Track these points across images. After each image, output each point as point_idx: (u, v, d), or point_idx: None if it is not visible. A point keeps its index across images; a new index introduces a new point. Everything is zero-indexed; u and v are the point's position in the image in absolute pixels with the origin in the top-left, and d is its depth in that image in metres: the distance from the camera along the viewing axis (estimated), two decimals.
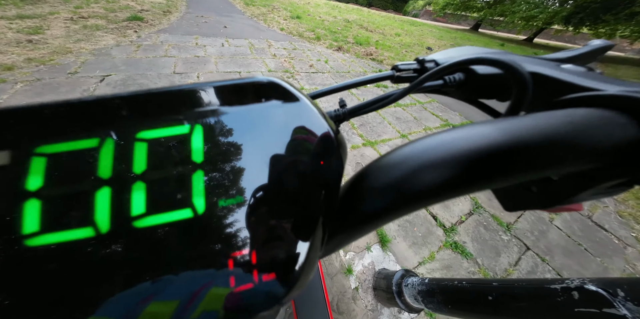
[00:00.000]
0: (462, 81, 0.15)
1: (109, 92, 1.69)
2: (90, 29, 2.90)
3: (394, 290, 0.80)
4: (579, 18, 8.26)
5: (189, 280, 0.08)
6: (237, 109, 0.10)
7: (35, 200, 0.07)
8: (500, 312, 0.47)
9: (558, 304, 0.36)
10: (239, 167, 0.09)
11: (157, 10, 4.57)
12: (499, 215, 1.45)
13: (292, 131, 0.10)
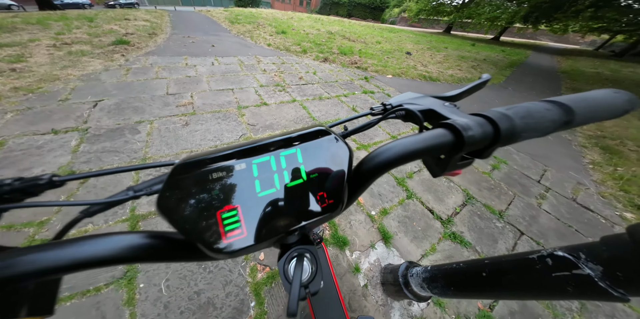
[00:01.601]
0: (403, 115, 0.27)
1: (104, 117, 1.72)
2: (75, 55, 2.93)
3: (400, 282, 0.84)
4: (535, 17, 9.23)
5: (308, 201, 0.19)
6: (310, 142, 0.20)
7: (257, 180, 0.17)
8: (495, 286, 0.53)
9: (538, 271, 0.42)
10: (314, 164, 0.20)
11: (142, 33, 4.65)
12: (491, 204, 1.53)
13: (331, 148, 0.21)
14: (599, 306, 1.05)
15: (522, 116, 0.21)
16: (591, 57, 11.81)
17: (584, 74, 6.95)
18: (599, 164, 2.25)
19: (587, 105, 0.24)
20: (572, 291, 0.38)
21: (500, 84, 4.83)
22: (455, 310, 0.95)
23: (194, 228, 0.15)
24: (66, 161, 1.34)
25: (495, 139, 0.20)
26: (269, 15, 9.55)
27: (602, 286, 0.33)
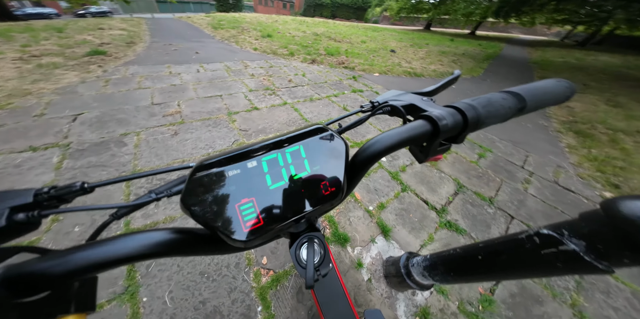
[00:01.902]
0: (389, 110, 0.29)
1: (86, 131, 1.66)
2: (47, 68, 2.78)
3: (403, 273, 0.87)
4: (505, 11, 9.85)
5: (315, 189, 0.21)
6: (311, 139, 0.22)
7: (268, 174, 0.19)
8: (491, 268, 0.56)
9: (528, 250, 0.45)
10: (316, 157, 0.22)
11: (119, 42, 4.49)
12: (481, 191, 1.60)
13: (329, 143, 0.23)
14: (594, 283, 1.11)
15: (484, 105, 0.25)
16: (557, 47, 12.67)
17: (553, 64, 7.39)
18: (575, 147, 2.40)
19: (537, 93, 0.28)
20: (562, 266, 0.41)
21: (479, 77, 5.05)
22: (457, 297, 0.98)
23: (216, 222, 0.17)
24: (50, 179, 1.27)
25: (465, 126, 0.24)
26: (252, 19, 9.45)
27: (588, 259, 0.36)
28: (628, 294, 1.07)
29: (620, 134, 2.67)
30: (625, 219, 0.30)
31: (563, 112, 3.38)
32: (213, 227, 0.17)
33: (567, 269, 0.40)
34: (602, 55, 9.80)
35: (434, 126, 0.23)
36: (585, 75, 5.87)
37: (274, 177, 0.19)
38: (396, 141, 0.23)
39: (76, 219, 1.07)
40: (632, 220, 0.29)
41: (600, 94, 4.32)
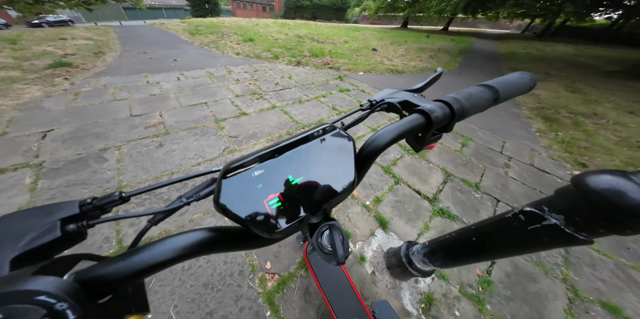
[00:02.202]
0: (386, 107, 0.32)
1: (59, 148, 1.55)
2: (3, 83, 2.55)
3: (404, 262, 0.90)
4: (472, 7, 10.62)
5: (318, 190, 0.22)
6: (322, 137, 0.24)
7: (288, 171, 0.21)
8: (485, 248, 0.60)
9: (515, 228, 0.49)
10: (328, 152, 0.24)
11: (85, 52, 4.20)
12: (467, 178, 1.69)
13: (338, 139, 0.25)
14: (579, 257, 1.19)
15: (466, 98, 0.30)
16: (520, 39, 13.74)
17: (518, 55, 7.98)
18: (544, 131, 2.62)
19: (507, 85, 0.33)
20: (548, 241, 0.45)
21: (455, 70, 5.34)
22: (458, 280, 1.03)
23: (248, 218, 0.18)
24: (25, 201, 1.18)
25: (452, 116, 0.28)
26: (232, 23, 9.20)
27: (569, 232, 0.40)
28: (612, 265, 1.17)
29: (580, 117, 2.95)
30: (593, 192, 0.35)
31: (531, 99, 3.66)
32: (245, 223, 0.18)
33: (552, 243, 0.44)
34: (557, 46, 10.75)
35: (427, 118, 0.27)
36: (546, 65, 6.40)
37: (294, 173, 0.21)
38: (396, 134, 0.26)
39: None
40: (598, 192, 0.34)
41: (560, 81, 4.73)
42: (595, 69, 6.07)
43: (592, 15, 9.57)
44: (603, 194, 0.33)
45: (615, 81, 4.92)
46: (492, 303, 0.96)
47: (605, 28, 17.73)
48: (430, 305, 0.93)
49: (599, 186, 0.34)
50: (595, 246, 1.27)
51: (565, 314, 0.96)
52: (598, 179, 0.35)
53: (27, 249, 0.14)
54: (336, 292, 0.75)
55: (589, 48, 10.40)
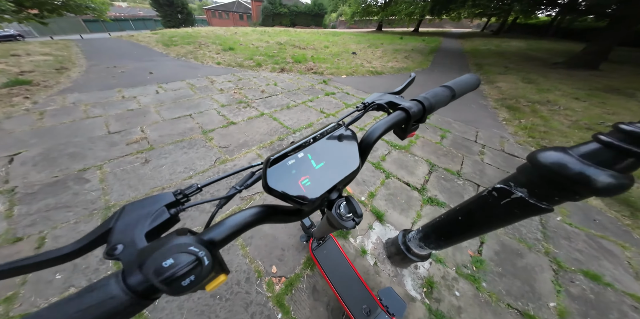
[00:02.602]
0: (376, 107, 0.39)
1: (31, 171, 1.45)
2: None
3: (403, 249, 0.96)
4: (437, 9, 11.56)
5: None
6: (333, 133, 0.30)
7: (312, 158, 0.27)
8: (470, 225, 0.68)
9: (491, 204, 0.58)
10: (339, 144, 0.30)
11: (45, 69, 3.88)
12: (449, 167, 1.83)
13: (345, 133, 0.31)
14: (556, 231, 1.31)
15: (433, 96, 0.39)
16: (480, 37, 15.16)
17: (480, 52, 8.71)
18: (509, 119, 2.90)
19: (460, 85, 0.43)
20: (519, 212, 0.53)
21: (428, 68, 5.70)
22: (453, 263, 1.11)
23: (288, 194, 0.23)
24: (3, 229, 1.08)
25: (424, 111, 0.37)
26: (209, 33, 8.96)
27: (532, 202, 0.48)
28: (584, 237, 1.31)
29: (537, 105, 3.31)
30: (543, 166, 0.43)
31: (495, 91, 4.03)
32: (287, 199, 0.24)
33: (522, 213, 0.53)
34: (512, 41, 11.90)
35: (407, 113, 0.35)
36: (504, 59, 7.05)
37: (317, 160, 0.27)
38: (386, 127, 0.34)
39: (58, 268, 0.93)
40: (547, 166, 0.42)
41: (517, 73, 5.23)
42: (544, 61, 6.78)
43: (536, 13, 10.87)
44: (550, 168, 0.42)
45: (561, 71, 5.56)
46: (487, 281, 1.04)
47: (548, 24, 20.09)
48: (431, 288, 1.00)
49: (547, 161, 0.42)
50: (567, 220, 1.41)
51: (553, 285, 1.05)
52: (545, 155, 0.43)
53: (151, 228, 0.19)
54: (344, 283, 0.79)
55: (538, 42, 11.73)
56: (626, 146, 0.34)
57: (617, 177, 0.35)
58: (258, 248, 1.09)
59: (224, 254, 1.06)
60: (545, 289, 1.04)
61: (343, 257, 0.87)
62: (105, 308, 0.14)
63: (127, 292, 0.15)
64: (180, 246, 0.16)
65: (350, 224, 0.26)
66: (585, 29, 17.02)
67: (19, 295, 0.87)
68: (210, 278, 0.18)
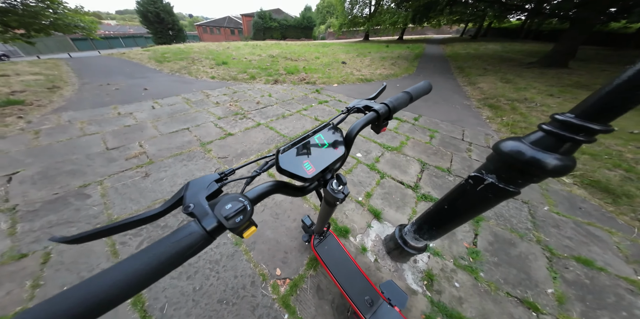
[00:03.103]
0: (356, 110, 0.48)
1: (30, 190, 1.46)
2: None
3: (400, 243, 1.02)
4: (418, 18, 12.36)
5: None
6: (325, 129, 0.40)
7: (311, 147, 0.36)
8: (456, 212, 0.75)
9: (469, 191, 0.65)
10: (331, 136, 0.40)
11: (37, 88, 3.89)
12: (439, 164, 1.92)
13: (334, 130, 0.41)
14: (544, 221, 1.36)
15: (396, 99, 0.49)
16: (459, 42, 16.03)
17: (460, 55, 9.17)
18: (491, 117, 3.06)
19: (417, 90, 0.53)
20: (492, 197, 0.61)
21: (414, 73, 5.97)
22: (450, 255, 1.16)
23: (295, 174, 0.31)
24: (7, 246, 1.09)
25: (390, 111, 0.46)
26: (201, 48, 9.15)
27: (501, 186, 0.56)
28: (572, 224, 1.38)
29: (516, 103, 3.51)
30: (505, 154, 0.51)
31: (477, 92, 4.25)
32: (294, 177, 0.32)
33: (496, 197, 0.60)
34: (488, 45, 12.63)
35: (377, 113, 0.45)
36: (482, 62, 7.45)
37: (313, 149, 0.36)
38: (363, 123, 0.44)
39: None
40: (507, 153, 0.51)
41: (495, 74, 5.55)
42: (519, 62, 7.22)
43: (508, 17, 11.74)
44: (510, 154, 0.50)
45: (535, 70, 5.92)
46: (485, 270, 1.09)
47: (519, 27, 21.53)
48: (432, 281, 1.04)
49: (506, 149, 0.51)
50: (554, 209, 1.49)
51: (548, 272, 1.09)
52: (505, 144, 0.52)
53: (208, 194, 0.26)
54: (346, 275, 0.83)
55: (511, 44, 12.50)
56: (561, 132, 0.41)
57: (561, 160, 0.42)
58: (261, 252, 1.12)
59: (229, 261, 1.09)
60: (541, 276, 1.08)
61: (343, 251, 0.92)
62: (188, 242, 0.21)
63: (202, 231, 0.22)
64: (234, 197, 0.25)
65: (341, 196, 0.37)
66: (552, 31, 18.34)
67: None
68: (247, 226, 0.25)
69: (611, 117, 0.39)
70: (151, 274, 0.19)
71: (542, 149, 0.44)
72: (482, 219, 1.39)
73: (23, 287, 0.93)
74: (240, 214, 0.24)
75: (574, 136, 0.40)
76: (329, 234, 0.99)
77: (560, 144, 0.43)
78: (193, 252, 0.21)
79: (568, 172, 0.44)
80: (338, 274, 0.84)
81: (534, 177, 0.51)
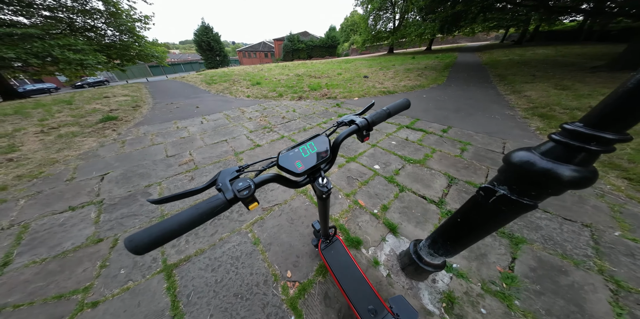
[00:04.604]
0: (343, 124, 0.59)
1: (114, 187, 1.89)
2: (66, 137, 3.13)
3: (415, 259, 0.97)
4: (447, 28, 11.85)
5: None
6: (316, 138, 0.52)
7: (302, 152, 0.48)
8: (470, 226, 0.71)
9: (480, 203, 0.63)
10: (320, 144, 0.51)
11: (126, 107, 5.08)
12: (471, 179, 1.76)
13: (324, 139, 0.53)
14: (613, 247, 1.16)
15: (374, 115, 0.58)
16: (500, 48, 14.41)
17: (501, 62, 8.29)
18: (544, 129, 2.65)
19: (395, 106, 0.61)
20: (506, 209, 0.58)
21: (444, 84, 5.66)
22: (478, 278, 1.04)
23: (289, 169, 0.42)
24: (91, 232, 1.43)
25: (369, 125, 0.56)
26: (240, 71, 10.70)
27: (514, 198, 0.53)
28: None
29: (577, 112, 2.98)
30: (514, 164, 0.50)
31: (523, 101, 3.76)
32: (288, 172, 0.44)
33: (510, 211, 0.58)
34: (538, 49, 11.06)
35: (358, 126, 0.55)
36: (529, 68, 6.57)
37: (305, 152, 0.47)
38: (346, 134, 0.55)
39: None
40: (516, 164, 0.50)
41: (548, 81, 4.83)
42: (579, 66, 6.13)
43: (560, 19, 10.27)
44: (519, 165, 0.49)
45: (602, 75, 4.94)
46: (522, 299, 0.95)
47: (577, 29, 18.45)
48: (452, 304, 0.95)
49: (516, 160, 0.50)
50: (630, 235, 1.22)
51: (611, 307, 0.91)
52: (515, 155, 0.51)
53: (230, 178, 0.38)
54: (350, 281, 0.84)
55: (567, 48, 10.67)
56: (571, 142, 0.40)
57: (578, 171, 0.40)
58: (276, 254, 1.21)
59: (247, 258, 1.20)
60: (600, 310, 0.90)
61: (349, 256, 0.93)
62: (215, 204, 0.34)
63: (224, 198, 0.35)
64: (244, 180, 0.38)
65: (325, 189, 0.49)
66: (623, 30, 15.17)
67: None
68: (251, 200, 0.37)
69: (628, 125, 0.36)
70: (197, 220, 0.32)
71: (553, 160, 0.42)
72: (524, 241, 1.21)
73: (95, 266, 1.20)
74: (246, 189, 0.36)
75: (584, 145, 0.38)
76: (336, 239, 1.02)
77: (573, 155, 0.40)
78: (218, 212, 0.34)
79: (589, 184, 0.40)
80: (342, 279, 0.85)
81: (548, 190, 0.48)
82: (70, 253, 1.28)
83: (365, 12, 24.10)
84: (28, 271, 1.18)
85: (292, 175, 0.45)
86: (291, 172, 0.44)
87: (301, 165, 0.45)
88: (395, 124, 3.02)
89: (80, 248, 1.31)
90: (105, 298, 1.03)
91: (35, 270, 1.18)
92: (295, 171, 0.44)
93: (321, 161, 0.48)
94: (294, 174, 0.44)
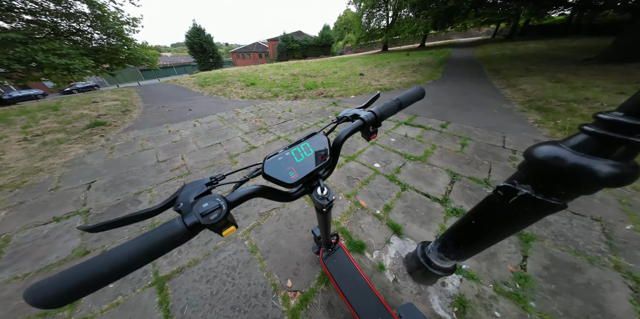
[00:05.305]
0: (346, 119, 0.48)
1: (101, 196, 1.79)
2: (52, 144, 2.99)
3: (423, 262, 0.91)
4: (440, 24, 11.92)
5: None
6: (313, 137, 0.42)
7: (295, 156, 0.38)
8: (485, 229, 0.65)
9: (499, 203, 0.56)
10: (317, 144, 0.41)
11: (115, 111, 4.94)
12: (475, 175, 1.71)
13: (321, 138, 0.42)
14: (627, 242, 1.11)
15: (383, 107, 0.48)
16: (492, 43, 14.61)
17: (494, 57, 8.33)
18: (542, 121, 2.63)
19: (408, 96, 0.51)
20: (530, 210, 0.51)
21: (440, 79, 5.64)
22: (489, 279, 0.99)
23: (279, 179, 0.33)
24: (77, 244, 1.34)
25: (377, 119, 0.45)
26: (234, 72, 10.55)
27: (540, 198, 0.47)
28: None
29: (573, 104, 2.96)
30: (539, 161, 0.44)
31: (519, 94, 3.75)
32: (278, 182, 0.34)
33: (534, 212, 0.51)
34: (529, 44, 11.17)
35: (363, 121, 0.44)
36: (523, 62, 6.61)
37: (298, 156, 0.37)
38: (349, 131, 0.43)
39: None
40: (542, 160, 0.43)
41: (542, 74, 4.85)
42: (571, 59, 6.18)
43: (548, 13, 10.44)
44: (546, 161, 0.42)
45: (595, 67, 4.98)
46: (537, 300, 0.90)
47: (566, 22, 18.70)
48: (464, 308, 0.90)
49: (541, 155, 0.43)
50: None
51: (632, 305, 0.87)
52: (539, 150, 0.44)
53: (197, 195, 0.29)
54: (356, 293, 0.77)
55: (558, 42, 10.78)
56: (610, 133, 0.34)
57: (617, 166, 0.34)
58: (274, 262, 1.14)
59: (244, 268, 1.13)
60: (621, 310, 0.86)
61: (353, 266, 0.86)
62: (171, 234, 0.24)
63: (183, 226, 0.24)
64: (211, 198, 0.27)
65: (325, 202, 0.39)
66: (610, 24, 15.39)
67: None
68: (225, 225, 0.27)
69: None
70: (142, 258, 0.22)
71: (587, 155, 0.37)
72: (534, 238, 1.16)
73: None
74: (215, 212, 0.26)
75: (627, 137, 0.33)
76: (339, 246, 0.95)
77: (611, 148, 0.35)
78: (175, 243, 0.24)
79: (630, 181, 0.35)
80: (347, 290, 0.79)
81: (581, 188, 0.41)
82: (55, 266, 1.19)
83: (358, 10, 24.02)
84: (10, 287, 1.09)
85: (280, 185, 0.34)
86: (281, 182, 0.33)
87: (294, 173, 0.35)
88: (394, 121, 2.97)
89: (65, 261, 1.22)
90: (93, 314, 0.96)
91: (17, 286, 1.10)
92: (287, 181, 0.33)
93: (319, 166, 0.37)
94: (284, 185, 0.34)
